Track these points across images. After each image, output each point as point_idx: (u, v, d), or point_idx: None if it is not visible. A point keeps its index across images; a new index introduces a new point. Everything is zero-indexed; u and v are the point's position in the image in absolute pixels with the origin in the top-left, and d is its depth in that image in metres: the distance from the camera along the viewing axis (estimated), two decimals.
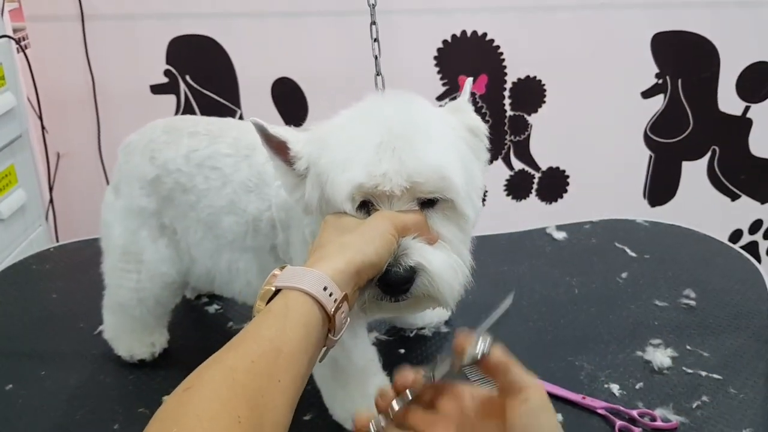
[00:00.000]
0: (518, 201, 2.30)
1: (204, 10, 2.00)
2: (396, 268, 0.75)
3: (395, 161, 0.77)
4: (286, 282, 0.68)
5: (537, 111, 2.17)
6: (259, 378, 0.60)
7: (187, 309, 1.34)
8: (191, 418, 0.55)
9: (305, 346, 0.65)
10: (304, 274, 0.68)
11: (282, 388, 0.61)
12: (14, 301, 1.36)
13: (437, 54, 2.06)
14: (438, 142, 0.80)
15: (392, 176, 0.77)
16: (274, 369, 0.61)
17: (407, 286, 0.77)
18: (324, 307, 0.67)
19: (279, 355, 0.62)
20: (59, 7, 1.97)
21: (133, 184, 1.12)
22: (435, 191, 0.79)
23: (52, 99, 2.07)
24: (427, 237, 0.79)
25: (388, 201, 0.79)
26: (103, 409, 1.09)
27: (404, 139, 0.78)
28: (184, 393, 0.58)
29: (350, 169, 0.78)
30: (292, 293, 0.67)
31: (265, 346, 0.62)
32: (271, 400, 0.60)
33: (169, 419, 0.56)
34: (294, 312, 0.65)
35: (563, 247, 1.49)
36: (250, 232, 1.05)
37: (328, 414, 1.05)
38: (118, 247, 1.15)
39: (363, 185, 0.77)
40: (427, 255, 0.77)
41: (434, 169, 0.77)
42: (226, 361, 0.61)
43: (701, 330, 1.21)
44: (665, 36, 2.08)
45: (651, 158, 2.25)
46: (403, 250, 0.76)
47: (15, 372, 1.17)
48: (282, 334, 0.63)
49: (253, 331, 0.64)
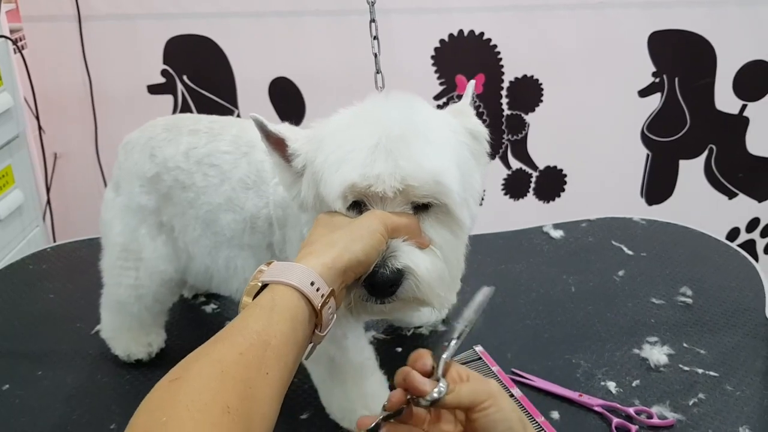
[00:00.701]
0: (516, 200, 2.30)
1: (201, 9, 2.00)
2: (382, 269, 0.75)
3: (390, 163, 0.76)
4: (273, 277, 0.68)
5: (534, 110, 2.17)
6: (247, 370, 0.60)
7: (185, 309, 1.34)
8: (181, 409, 0.55)
9: (293, 339, 0.65)
10: (291, 269, 0.68)
11: (270, 380, 0.61)
12: (11, 301, 1.36)
13: (434, 53, 2.07)
14: (436, 145, 0.79)
15: (386, 178, 0.76)
16: (262, 361, 0.61)
17: (393, 288, 0.76)
18: (311, 302, 0.67)
19: (267, 348, 0.62)
20: (56, 8, 1.97)
21: (133, 181, 1.12)
22: (429, 195, 0.78)
23: (49, 99, 2.07)
24: (417, 241, 0.78)
25: (381, 202, 0.78)
26: (101, 409, 1.09)
27: (401, 142, 0.77)
28: (171, 384, 0.58)
29: (344, 168, 0.78)
30: (278, 288, 0.67)
31: (253, 338, 0.62)
32: (259, 391, 0.60)
33: (157, 410, 0.55)
34: (281, 306, 0.66)
35: (560, 246, 1.49)
36: (248, 230, 1.05)
37: (325, 413, 1.05)
38: (117, 244, 1.15)
39: (356, 185, 0.77)
40: (415, 258, 0.76)
41: (429, 173, 0.76)
42: (213, 353, 0.61)
43: (698, 328, 1.21)
44: (662, 35, 2.08)
45: (648, 157, 2.25)
46: (391, 251, 0.75)
47: (12, 372, 1.17)
48: (269, 328, 0.63)
49: (240, 324, 0.64)
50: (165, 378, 0.59)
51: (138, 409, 0.57)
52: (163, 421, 0.53)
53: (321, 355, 0.99)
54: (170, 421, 0.53)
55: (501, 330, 1.23)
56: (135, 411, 0.57)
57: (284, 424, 1.06)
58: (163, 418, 0.54)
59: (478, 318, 0.75)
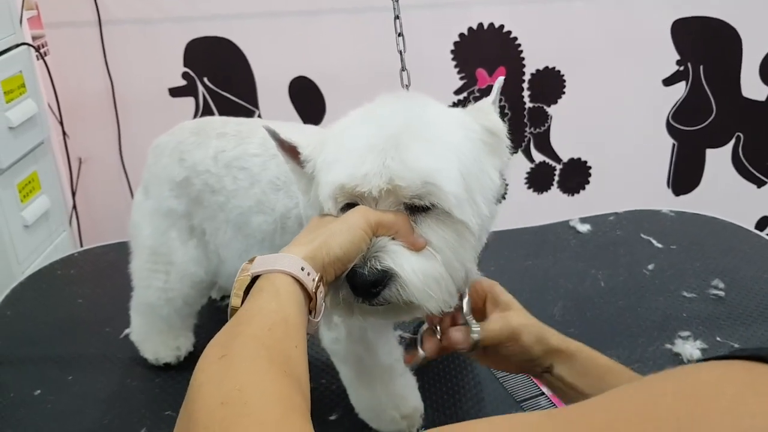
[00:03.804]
0: (540, 194, 2.28)
1: (219, 11, 2.00)
2: (362, 269, 0.72)
3: (378, 163, 0.74)
4: (265, 266, 0.68)
5: (557, 102, 2.15)
6: (281, 342, 0.61)
7: (213, 311, 1.34)
8: (249, 375, 0.56)
9: (301, 320, 0.66)
10: (281, 258, 0.69)
11: (300, 353, 0.62)
12: (41, 306, 1.38)
13: (454, 47, 2.05)
14: (433, 145, 0.77)
15: (372, 177, 0.74)
16: (288, 336, 0.62)
17: (376, 289, 0.73)
18: (305, 286, 0.67)
19: (288, 325, 0.63)
20: (77, 13, 1.99)
21: (163, 185, 1.12)
22: (417, 196, 0.75)
23: (72, 104, 2.08)
24: (408, 240, 0.74)
25: (373, 203, 0.76)
26: (131, 413, 1.10)
27: (393, 141, 0.75)
28: (223, 359, 0.58)
29: (335, 169, 0.77)
30: (274, 275, 0.67)
31: (274, 317, 0.63)
32: (296, 360, 0.61)
33: (224, 379, 0.55)
34: (283, 289, 0.66)
35: (588, 240, 1.47)
36: (279, 231, 1.05)
37: (354, 413, 1.04)
38: (147, 247, 1.15)
39: (344, 185, 0.76)
40: (400, 260, 0.73)
41: (417, 173, 0.74)
42: (246, 331, 0.61)
43: (731, 320, 1.19)
44: (685, 22, 2.05)
45: (674, 146, 2.22)
46: (375, 251, 0.73)
47: (43, 377, 1.18)
48: (282, 308, 0.64)
49: (254, 307, 0.65)
50: (209, 358, 0.59)
51: (194, 389, 0.56)
52: (238, 388, 0.54)
53: (349, 355, 0.99)
54: (246, 387, 0.54)
55: None
56: (186, 393, 0.56)
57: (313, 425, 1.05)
58: (236, 386, 0.54)
59: None
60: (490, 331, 0.84)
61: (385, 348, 1.01)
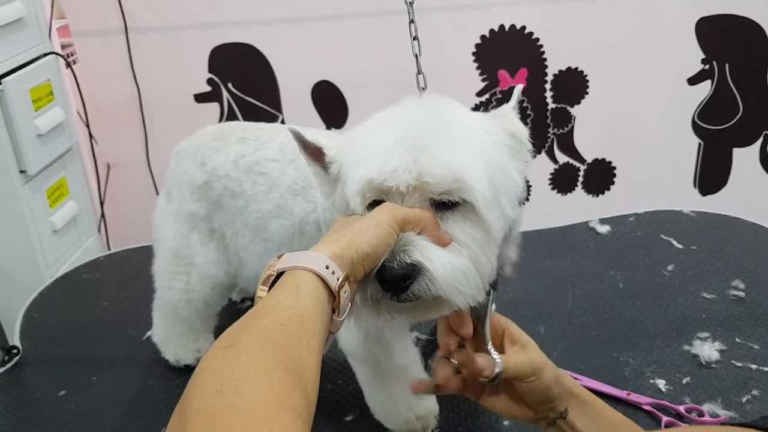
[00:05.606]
0: (563, 195, 2.27)
1: (243, 18, 2.03)
2: (391, 263, 0.72)
3: (407, 158, 0.76)
4: (289, 263, 0.69)
5: (580, 102, 2.14)
6: (291, 338, 0.61)
7: (233, 314, 1.36)
8: (248, 367, 0.56)
9: (320, 318, 0.66)
10: (305, 256, 0.69)
11: (311, 350, 0.63)
12: (66, 309, 1.41)
13: (475, 50, 2.05)
14: (460, 144, 0.78)
15: (401, 173, 0.75)
16: (301, 333, 0.63)
17: (405, 284, 0.73)
18: (328, 285, 0.68)
19: (302, 321, 0.63)
20: (104, 22, 2.03)
21: (184, 189, 1.15)
22: (446, 192, 0.76)
23: (100, 111, 2.13)
24: (434, 235, 0.75)
25: (399, 200, 0.77)
26: (152, 414, 1.12)
27: (422, 139, 0.77)
28: (228, 350, 0.59)
29: (364, 165, 0.78)
30: (297, 272, 0.68)
31: (288, 312, 0.63)
32: (305, 358, 0.61)
33: (224, 369, 0.56)
34: (304, 286, 0.67)
35: (607, 241, 1.46)
36: (297, 235, 1.06)
37: (370, 414, 1.05)
38: (169, 249, 1.18)
39: (372, 180, 0.77)
40: (429, 253, 0.74)
41: (447, 169, 0.75)
42: (257, 324, 0.62)
43: (751, 322, 1.17)
44: (710, 20, 2.02)
45: (700, 146, 2.19)
46: (403, 245, 0.74)
47: (68, 378, 1.21)
48: (300, 304, 0.65)
49: (272, 302, 0.65)
50: (216, 347, 0.60)
51: (195, 375, 0.57)
52: (234, 378, 0.54)
53: (366, 355, 1.00)
54: (242, 378, 0.55)
55: (546, 328, 1.21)
56: (191, 379, 0.57)
57: (329, 425, 1.07)
58: (233, 376, 0.55)
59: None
60: (514, 362, 0.82)
61: (401, 349, 1.02)
